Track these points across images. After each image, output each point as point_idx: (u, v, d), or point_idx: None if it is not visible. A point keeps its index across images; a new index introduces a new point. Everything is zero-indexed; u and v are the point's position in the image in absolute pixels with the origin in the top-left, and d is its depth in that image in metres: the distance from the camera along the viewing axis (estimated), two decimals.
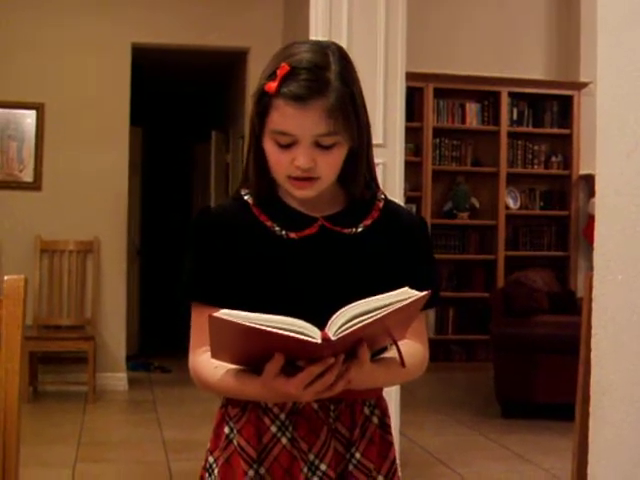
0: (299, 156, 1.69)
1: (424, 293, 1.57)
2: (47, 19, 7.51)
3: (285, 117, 1.67)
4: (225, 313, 1.50)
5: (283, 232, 1.76)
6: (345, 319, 1.51)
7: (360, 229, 1.80)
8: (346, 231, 1.79)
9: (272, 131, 1.70)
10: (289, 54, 1.70)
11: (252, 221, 1.78)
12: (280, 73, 1.67)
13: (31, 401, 6.99)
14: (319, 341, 1.48)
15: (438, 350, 8.82)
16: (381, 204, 1.85)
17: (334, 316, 1.52)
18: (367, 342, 1.58)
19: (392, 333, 1.67)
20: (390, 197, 1.91)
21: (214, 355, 1.64)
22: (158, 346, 9.68)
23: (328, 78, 1.68)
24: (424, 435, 6.12)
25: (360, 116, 1.74)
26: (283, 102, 1.66)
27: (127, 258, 7.90)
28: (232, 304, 1.69)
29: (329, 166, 1.73)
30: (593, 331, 2.34)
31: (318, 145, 1.69)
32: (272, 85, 1.67)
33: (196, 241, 1.80)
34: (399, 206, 1.92)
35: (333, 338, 1.49)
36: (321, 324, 1.52)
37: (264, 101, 1.70)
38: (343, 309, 1.52)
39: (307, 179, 1.72)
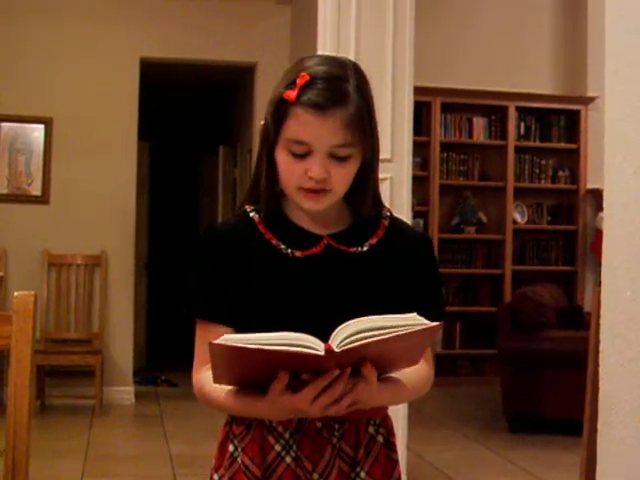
0: (314, 166, 1.68)
1: (435, 324, 1.55)
2: (56, 33, 7.54)
3: (303, 125, 1.66)
4: (224, 339, 1.49)
5: (289, 250, 1.75)
6: (349, 332, 1.49)
7: (365, 248, 1.79)
8: (351, 250, 1.78)
9: (287, 140, 1.69)
10: (307, 65, 1.70)
11: (258, 239, 1.77)
12: (300, 82, 1.67)
13: (38, 415, 6.98)
14: (322, 353, 1.48)
15: (445, 364, 8.81)
16: (386, 222, 1.84)
17: (338, 329, 1.51)
18: (374, 364, 1.56)
19: (400, 359, 1.66)
20: (397, 213, 1.91)
21: (216, 381, 1.62)
22: (165, 360, 9.68)
23: (347, 90, 1.68)
24: (431, 450, 6.11)
25: (374, 131, 1.75)
26: (302, 110, 1.66)
27: (135, 272, 7.91)
28: (236, 322, 1.70)
29: (342, 178, 1.72)
30: (601, 346, 2.34)
31: (333, 156, 1.69)
32: (291, 93, 1.67)
33: (202, 258, 1.79)
34: (404, 224, 1.91)
35: (337, 350, 1.48)
36: (327, 342, 1.51)
37: (281, 109, 1.69)
38: (347, 323, 1.51)
39: (319, 191, 1.71)
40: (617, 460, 2.25)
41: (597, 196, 8.83)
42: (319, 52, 4.55)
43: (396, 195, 4.68)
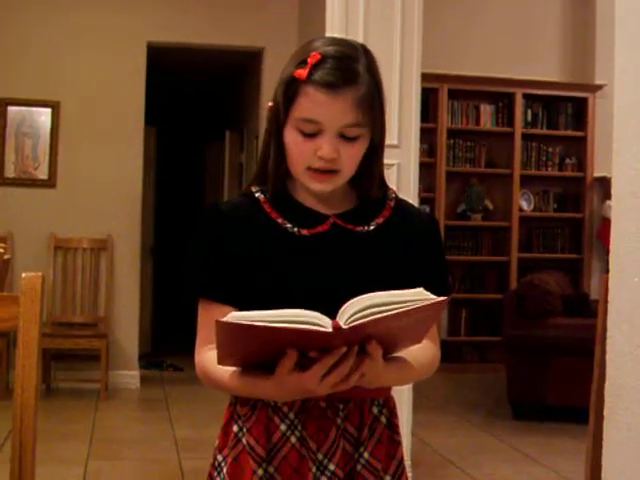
0: (324, 145, 1.68)
1: (442, 298, 1.54)
2: (63, 17, 7.53)
3: (314, 104, 1.66)
4: (231, 317, 1.48)
5: (295, 229, 1.75)
6: (356, 309, 1.48)
7: (372, 227, 1.78)
8: (358, 229, 1.77)
9: (298, 119, 1.69)
10: (317, 45, 1.70)
11: (263, 218, 1.76)
12: (311, 61, 1.66)
13: (44, 398, 7.00)
14: (330, 330, 1.47)
15: (450, 351, 8.81)
16: (392, 203, 1.84)
17: (345, 305, 1.50)
18: (380, 342, 1.56)
19: (407, 336, 1.65)
20: (402, 196, 1.91)
21: (221, 362, 1.61)
22: (170, 344, 9.68)
23: (358, 69, 1.68)
24: (436, 436, 6.11)
25: (383, 112, 1.75)
26: (313, 89, 1.66)
27: (140, 256, 7.92)
28: (241, 301, 1.69)
29: (351, 159, 1.72)
30: (608, 333, 2.34)
31: (342, 136, 1.68)
32: (303, 72, 1.66)
33: (205, 236, 1.78)
34: (410, 205, 1.91)
35: (344, 327, 1.47)
36: (333, 320, 1.50)
37: (292, 88, 1.69)
38: (354, 299, 1.50)
39: (328, 172, 1.71)
40: (623, 447, 2.25)
41: (604, 184, 8.82)
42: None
43: (403, 181, 4.68)
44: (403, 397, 4.62)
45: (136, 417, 6.98)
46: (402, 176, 4.69)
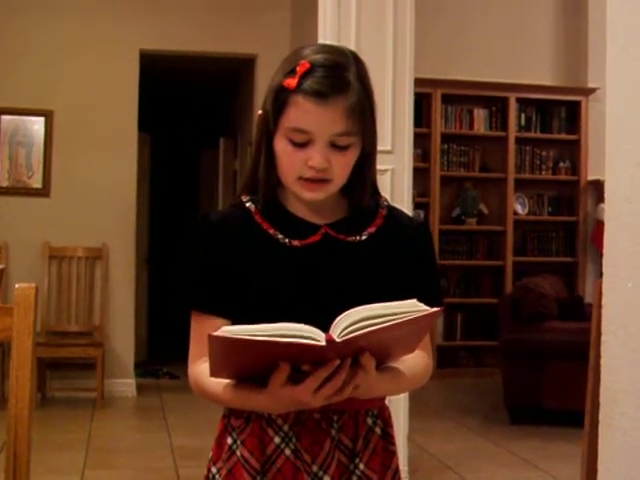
0: (315, 155, 1.66)
1: (435, 309, 1.54)
2: (56, 26, 7.53)
3: (304, 113, 1.64)
4: (224, 331, 1.48)
5: (286, 240, 1.73)
6: (349, 322, 1.48)
7: (364, 237, 1.77)
8: (350, 239, 1.76)
9: (287, 129, 1.67)
10: (306, 53, 1.68)
11: (254, 229, 1.75)
12: (300, 70, 1.65)
13: (39, 407, 6.98)
14: (324, 343, 1.46)
15: (446, 356, 8.81)
16: (384, 212, 1.82)
17: (338, 318, 1.49)
18: (373, 353, 1.55)
19: (399, 347, 1.64)
20: (398, 204, 1.90)
21: (214, 374, 1.60)
22: (166, 352, 9.65)
23: (348, 78, 1.66)
24: (433, 441, 6.11)
25: (374, 120, 1.73)
26: (303, 98, 1.64)
27: (135, 264, 7.91)
28: (234, 313, 1.68)
29: (342, 168, 1.70)
30: (603, 337, 2.34)
31: (333, 145, 1.67)
32: (292, 81, 1.65)
33: (196, 248, 1.77)
34: (401, 212, 1.89)
35: (338, 340, 1.46)
36: (326, 331, 1.49)
37: (281, 98, 1.67)
38: (347, 312, 1.50)
39: (319, 181, 1.69)
40: (619, 451, 2.24)
41: (598, 187, 8.83)
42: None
43: (397, 187, 4.68)
44: (399, 403, 4.62)
45: (132, 426, 6.96)
46: (396, 181, 4.69)
